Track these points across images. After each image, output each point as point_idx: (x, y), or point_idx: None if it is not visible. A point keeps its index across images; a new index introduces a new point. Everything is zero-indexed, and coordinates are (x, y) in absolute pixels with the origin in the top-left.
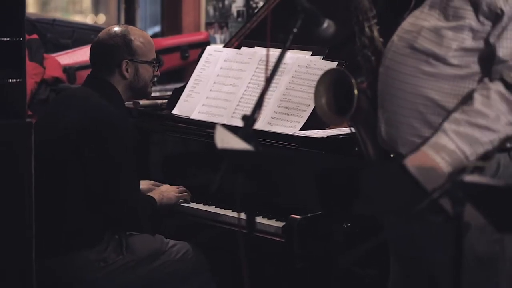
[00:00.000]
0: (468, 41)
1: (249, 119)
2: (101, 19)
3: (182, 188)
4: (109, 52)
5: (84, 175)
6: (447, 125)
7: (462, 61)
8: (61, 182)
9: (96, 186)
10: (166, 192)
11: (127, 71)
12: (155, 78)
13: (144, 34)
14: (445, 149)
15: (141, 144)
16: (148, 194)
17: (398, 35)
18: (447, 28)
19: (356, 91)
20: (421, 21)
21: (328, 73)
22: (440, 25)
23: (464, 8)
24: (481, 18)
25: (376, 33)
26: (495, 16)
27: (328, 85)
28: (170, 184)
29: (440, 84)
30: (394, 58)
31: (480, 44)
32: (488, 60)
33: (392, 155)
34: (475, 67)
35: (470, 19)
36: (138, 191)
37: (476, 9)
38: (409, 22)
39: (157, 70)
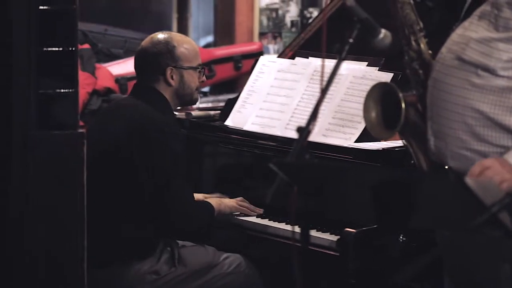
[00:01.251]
0: None
1: (304, 131)
2: None
3: (242, 200)
4: (153, 60)
5: (136, 183)
6: None
7: None
8: (113, 192)
9: (149, 193)
10: (225, 200)
11: (172, 78)
12: (201, 86)
13: (188, 40)
14: None
15: (193, 156)
16: (205, 200)
17: (447, 47)
18: (498, 39)
19: (403, 105)
20: (469, 32)
21: (376, 87)
22: (489, 36)
23: None
24: None
25: (423, 46)
26: None
27: (377, 99)
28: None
29: (489, 96)
30: (442, 70)
31: None
32: None
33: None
34: None
35: None
36: (192, 196)
37: None
38: (457, 34)
39: (203, 75)
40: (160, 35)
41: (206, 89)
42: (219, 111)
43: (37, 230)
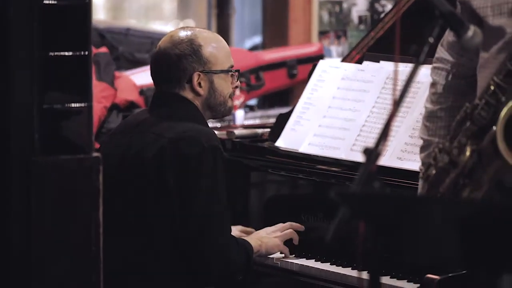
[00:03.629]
0: None
1: (373, 153)
2: None
3: (289, 231)
4: (175, 64)
5: (166, 216)
6: None
7: None
8: (136, 230)
9: (183, 229)
10: (265, 238)
11: (200, 86)
12: (236, 91)
13: (215, 36)
14: None
15: (237, 184)
16: (243, 238)
17: None
18: None
19: None
20: None
21: None
22: None
23: None
24: None
25: None
26: None
27: None
28: None
29: None
30: None
31: None
32: None
33: None
34: None
35: None
36: (230, 232)
37: None
38: None
39: (237, 80)
40: (182, 32)
41: (253, 102)
42: (268, 129)
43: (43, 283)
